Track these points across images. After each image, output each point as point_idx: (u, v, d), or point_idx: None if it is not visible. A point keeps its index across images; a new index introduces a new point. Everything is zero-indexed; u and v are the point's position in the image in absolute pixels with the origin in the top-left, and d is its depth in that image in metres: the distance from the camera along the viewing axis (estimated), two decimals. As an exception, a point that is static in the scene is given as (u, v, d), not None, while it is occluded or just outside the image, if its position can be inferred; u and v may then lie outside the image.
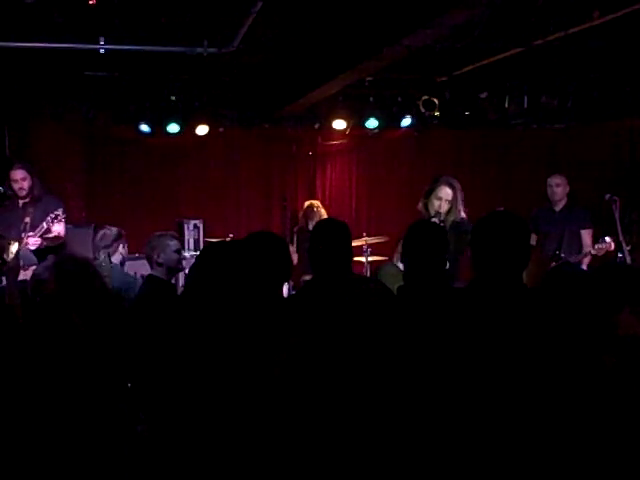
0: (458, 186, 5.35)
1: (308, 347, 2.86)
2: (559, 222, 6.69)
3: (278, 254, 3.28)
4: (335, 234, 3.54)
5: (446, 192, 5.28)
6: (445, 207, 5.26)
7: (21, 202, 6.13)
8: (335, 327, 3.07)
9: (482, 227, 2.95)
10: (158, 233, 4.94)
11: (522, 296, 2.81)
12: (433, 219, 5.18)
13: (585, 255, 6.45)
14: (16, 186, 6.09)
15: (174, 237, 4.99)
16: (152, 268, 4.68)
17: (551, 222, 6.70)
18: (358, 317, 3.20)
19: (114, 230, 5.30)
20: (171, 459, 2.68)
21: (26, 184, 6.11)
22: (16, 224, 5.97)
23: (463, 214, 5.34)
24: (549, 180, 6.81)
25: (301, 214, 8.16)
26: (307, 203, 8.19)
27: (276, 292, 3.27)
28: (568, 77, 7.41)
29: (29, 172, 6.16)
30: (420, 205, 5.41)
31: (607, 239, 6.29)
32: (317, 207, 8.04)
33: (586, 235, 6.60)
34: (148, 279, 4.69)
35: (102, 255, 5.09)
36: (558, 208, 6.75)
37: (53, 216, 5.90)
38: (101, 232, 5.25)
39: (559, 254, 6.42)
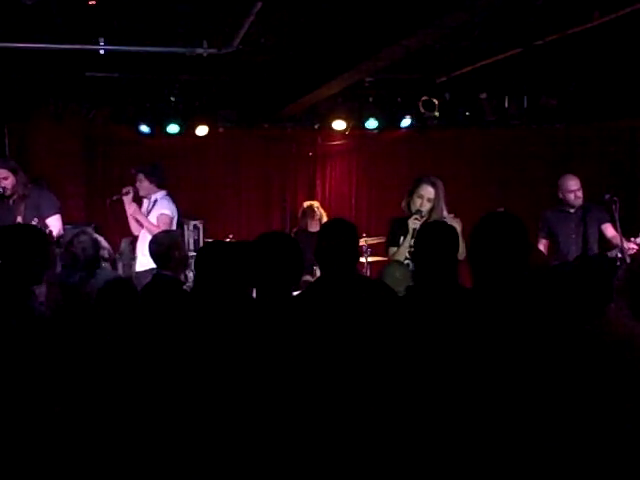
0: (440, 185, 5.35)
1: (316, 347, 2.86)
2: (577, 223, 6.45)
3: (290, 255, 3.24)
4: (344, 234, 3.57)
5: (428, 190, 5.28)
6: (427, 205, 5.27)
7: (12, 201, 6.06)
8: (342, 327, 3.07)
9: (480, 228, 2.95)
10: (165, 231, 5.00)
11: (521, 297, 2.81)
12: (415, 216, 5.18)
13: (620, 249, 6.11)
14: None
15: (179, 235, 5.09)
16: (164, 267, 4.69)
17: (568, 224, 6.47)
18: (364, 317, 3.21)
19: (87, 240, 5.09)
20: (177, 455, 2.68)
21: (9, 183, 5.98)
22: (9, 224, 5.92)
23: (446, 213, 5.35)
24: (569, 186, 6.43)
25: (300, 215, 8.08)
26: (306, 204, 8.10)
27: (287, 293, 3.24)
28: (568, 77, 7.41)
29: (10, 170, 6.02)
30: (403, 204, 5.42)
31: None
32: (317, 207, 7.96)
33: (608, 229, 6.34)
34: (157, 277, 4.68)
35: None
36: (574, 209, 6.48)
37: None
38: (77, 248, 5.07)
39: (588, 255, 6.19)
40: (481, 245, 2.89)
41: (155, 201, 6.82)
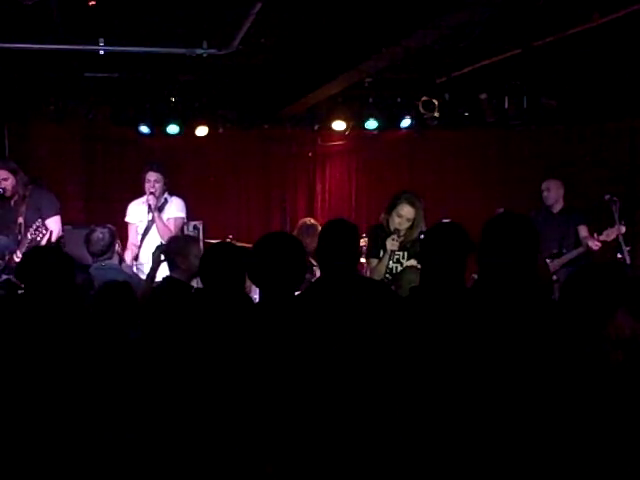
0: (420, 204, 5.29)
1: (318, 347, 2.86)
2: (557, 223, 6.77)
3: (294, 255, 3.19)
4: (345, 234, 3.56)
5: (407, 210, 5.24)
6: (405, 224, 5.24)
7: (12, 202, 6.05)
8: (343, 327, 3.06)
9: (493, 228, 2.92)
10: (182, 236, 4.98)
11: (527, 300, 2.80)
12: (392, 237, 5.17)
13: (586, 247, 6.50)
14: None
15: (195, 240, 5.03)
16: (173, 270, 4.67)
17: (549, 223, 6.75)
18: (366, 317, 3.20)
19: (106, 232, 5.18)
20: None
21: (9, 184, 5.95)
22: (11, 225, 5.91)
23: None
24: (542, 185, 6.99)
25: (296, 233, 7.13)
26: (301, 222, 7.36)
27: (291, 293, 3.20)
28: (567, 78, 7.41)
29: (10, 171, 5.99)
30: (382, 218, 5.39)
31: (617, 225, 6.34)
32: (314, 225, 7.05)
33: (582, 230, 6.70)
34: (166, 280, 4.68)
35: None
36: (556, 210, 6.88)
37: (35, 228, 5.73)
38: (95, 235, 5.15)
39: (563, 252, 6.51)
40: (492, 246, 2.87)
41: (165, 202, 6.66)
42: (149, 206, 6.51)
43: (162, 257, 4.79)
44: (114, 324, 3.60)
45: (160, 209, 6.60)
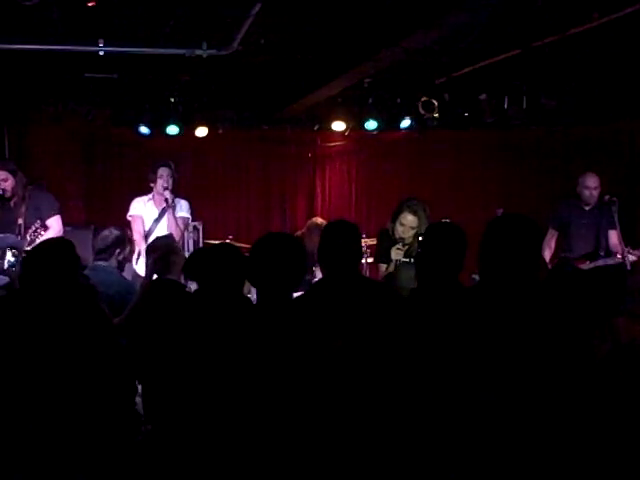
0: (423, 212, 5.28)
1: (320, 349, 2.86)
2: (591, 221, 6.53)
3: (294, 256, 3.14)
4: (347, 234, 3.57)
5: (410, 219, 5.24)
6: (410, 232, 5.24)
7: (12, 202, 6.06)
8: (345, 328, 3.06)
9: (494, 229, 2.92)
10: (161, 237, 4.95)
11: (530, 299, 2.80)
12: (397, 246, 5.20)
13: (624, 257, 6.21)
14: None
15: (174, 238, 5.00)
16: (164, 272, 4.63)
17: (580, 219, 6.56)
18: (366, 317, 3.20)
19: (115, 233, 5.13)
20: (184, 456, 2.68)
21: (8, 184, 5.94)
22: (11, 226, 5.92)
23: None
24: (586, 182, 6.54)
25: (305, 231, 7.30)
26: (312, 220, 7.43)
27: (289, 294, 3.17)
28: (567, 78, 7.41)
29: (10, 172, 5.98)
30: (388, 226, 5.41)
31: None
32: (321, 223, 7.11)
33: (614, 235, 6.42)
34: (158, 282, 4.65)
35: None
36: (589, 207, 6.58)
37: (33, 229, 5.73)
38: (103, 232, 5.13)
39: (600, 254, 6.34)
40: (494, 247, 2.86)
41: (172, 201, 6.59)
42: (166, 201, 6.43)
43: (156, 258, 4.73)
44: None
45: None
